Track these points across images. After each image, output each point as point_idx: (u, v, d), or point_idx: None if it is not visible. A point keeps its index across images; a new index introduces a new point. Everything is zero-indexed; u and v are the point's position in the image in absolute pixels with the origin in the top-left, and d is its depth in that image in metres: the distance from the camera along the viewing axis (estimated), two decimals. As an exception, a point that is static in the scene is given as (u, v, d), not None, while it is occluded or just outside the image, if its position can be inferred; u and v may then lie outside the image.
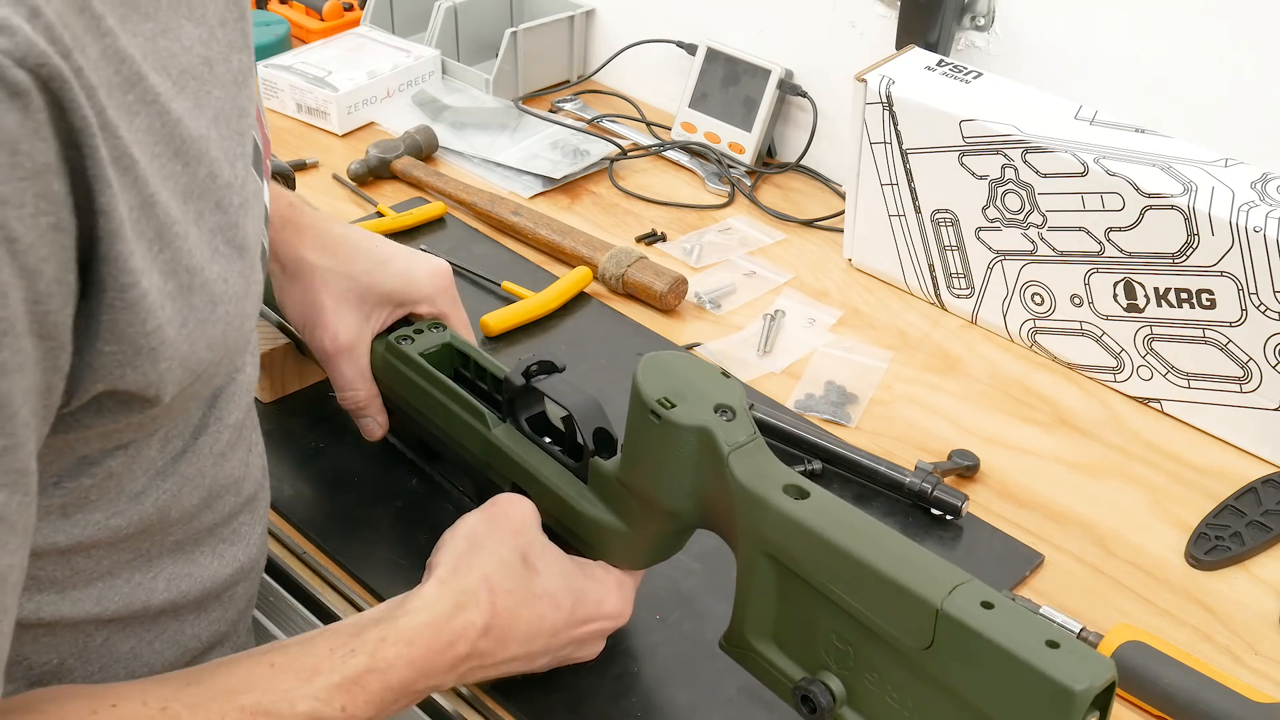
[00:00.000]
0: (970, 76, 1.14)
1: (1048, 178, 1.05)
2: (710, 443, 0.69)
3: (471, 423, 0.84)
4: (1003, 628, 0.58)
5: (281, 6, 1.65)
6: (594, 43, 1.57)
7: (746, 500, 0.67)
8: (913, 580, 0.60)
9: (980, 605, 0.59)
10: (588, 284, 1.18)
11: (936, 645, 0.60)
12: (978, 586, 0.60)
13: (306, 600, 0.90)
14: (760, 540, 0.67)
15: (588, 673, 0.81)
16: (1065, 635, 0.57)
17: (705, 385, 0.71)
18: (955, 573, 0.61)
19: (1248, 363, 1.00)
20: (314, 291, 0.90)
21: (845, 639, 0.65)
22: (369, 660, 0.65)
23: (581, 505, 0.78)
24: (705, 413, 0.69)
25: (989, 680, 0.58)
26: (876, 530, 0.64)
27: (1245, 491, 0.97)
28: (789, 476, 0.68)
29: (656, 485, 0.72)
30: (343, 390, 0.91)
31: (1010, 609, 0.59)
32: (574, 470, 0.80)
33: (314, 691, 0.63)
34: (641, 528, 0.76)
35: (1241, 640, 0.87)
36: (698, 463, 0.70)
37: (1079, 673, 0.55)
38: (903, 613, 0.61)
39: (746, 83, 1.39)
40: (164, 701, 0.60)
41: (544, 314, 1.14)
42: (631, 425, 0.72)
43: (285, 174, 0.98)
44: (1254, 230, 0.96)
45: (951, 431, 1.04)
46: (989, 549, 0.92)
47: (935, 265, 1.17)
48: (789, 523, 0.65)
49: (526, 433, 0.83)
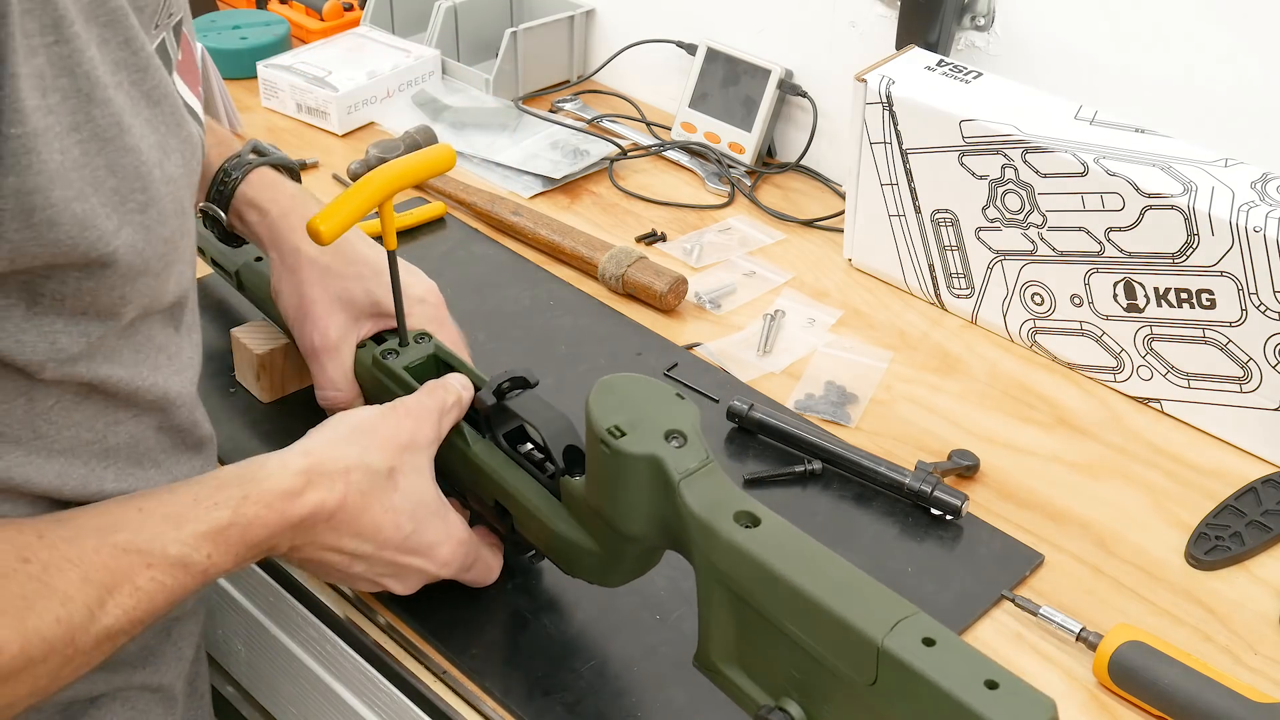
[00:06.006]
0: (970, 76, 1.14)
1: (1048, 178, 1.05)
2: (660, 471, 0.69)
3: (452, 438, 0.84)
4: (942, 666, 0.57)
5: (281, 6, 1.65)
6: (594, 43, 1.57)
7: (697, 528, 0.67)
8: (856, 615, 0.60)
9: (922, 642, 0.58)
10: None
11: (880, 682, 0.59)
12: (922, 621, 0.59)
13: (307, 601, 0.90)
14: (713, 569, 0.67)
15: (587, 672, 0.81)
16: (1007, 674, 0.57)
17: (657, 410, 0.71)
18: (900, 606, 0.60)
19: (1248, 363, 1.00)
20: (308, 285, 0.90)
21: (801, 669, 0.64)
22: (232, 514, 0.70)
23: (556, 524, 0.78)
24: (655, 440, 0.69)
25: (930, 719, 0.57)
26: (827, 561, 0.64)
27: (1245, 491, 0.97)
28: (740, 502, 0.67)
29: (614, 511, 0.72)
30: (324, 389, 0.91)
31: (953, 645, 0.58)
32: (549, 487, 0.80)
33: (182, 537, 0.68)
34: (611, 547, 0.76)
35: (1241, 640, 0.87)
36: (650, 490, 0.70)
37: (1016, 714, 0.55)
38: (847, 648, 0.60)
39: (746, 83, 1.39)
40: (38, 531, 0.64)
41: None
42: (588, 451, 0.72)
43: (291, 167, 0.99)
44: (1254, 230, 0.96)
45: (951, 431, 1.04)
46: (989, 549, 0.92)
47: (935, 265, 1.17)
48: (737, 553, 0.65)
49: (504, 449, 0.82)
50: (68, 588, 0.63)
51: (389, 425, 0.78)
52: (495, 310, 1.15)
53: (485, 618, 0.85)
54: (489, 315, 1.13)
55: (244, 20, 1.58)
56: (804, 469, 0.98)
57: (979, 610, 0.87)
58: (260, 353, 1.00)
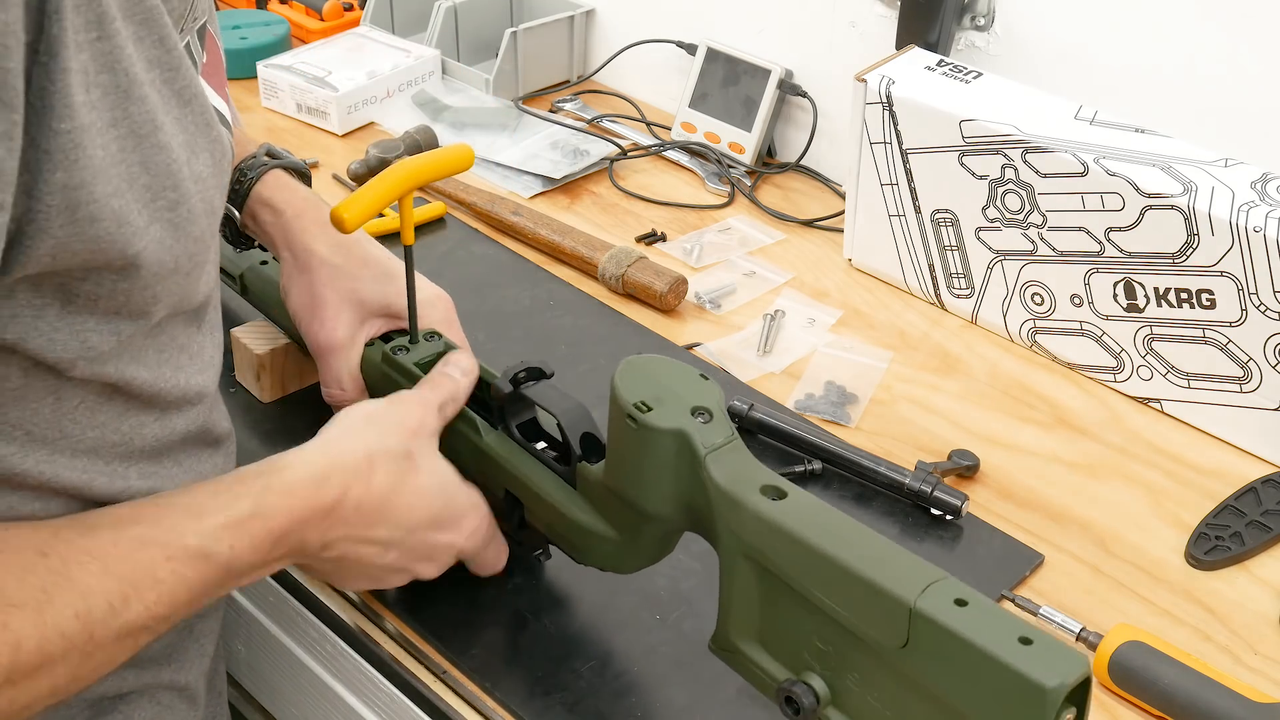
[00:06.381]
0: (970, 76, 1.14)
1: (1048, 178, 1.05)
2: (687, 445, 0.69)
3: (463, 430, 0.84)
4: (975, 625, 0.57)
5: (281, 6, 1.65)
6: (594, 43, 1.57)
7: (724, 502, 0.67)
8: (887, 579, 0.60)
9: (954, 603, 0.58)
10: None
11: (912, 644, 0.59)
12: (952, 584, 0.60)
13: (307, 601, 0.90)
14: (739, 542, 0.67)
15: (587, 672, 0.81)
16: (1039, 632, 0.57)
17: (682, 388, 0.71)
18: (930, 570, 0.61)
19: (1248, 363, 1.00)
20: (319, 284, 0.90)
21: (826, 640, 0.65)
22: (253, 505, 0.69)
23: (571, 511, 0.78)
24: (682, 415, 0.69)
25: (963, 678, 0.58)
26: (853, 530, 0.64)
27: (1245, 491, 0.97)
28: (767, 477, 0.67)
29: (638, 489, 0.72)
30: (329, 386, 0.91)
31: (984, 606, 0.58)
32: (564, 476, 0.80)
33: (202, 529, 0.67)
34: (629, 532, 0.76)
35: (1241, 640, 0.87)
36: (676, 466, 0.70)
37: (1052, 669, 0.55)
38: (878, 612, 0.60)
39: (746, 83, 1.39)
40: (54, 529, 0.64)
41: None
42: (611, 430, 0.72)
43: (301, 170, 1.00)
44: (1254, 230, 0.96)
45: (951, 431, 1.04)
46: (989, 549, 0.92)
47: (935, 265, 1.17)
48: (765, 524, 0.65)
49: (517, 439, 0.82)
50: (88, 581, 0.62)
51: (398, 412, 0.79)
52: (495, 310, 1.15)
53: (485, 618, 0.85)
54: (489, 315, 1.13)
55: (244, 20, 1.58)
56: (804, 469, 0.98)
57: (979, 610, 0.87)
58: (260, 353, 1.00)
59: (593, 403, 0.78)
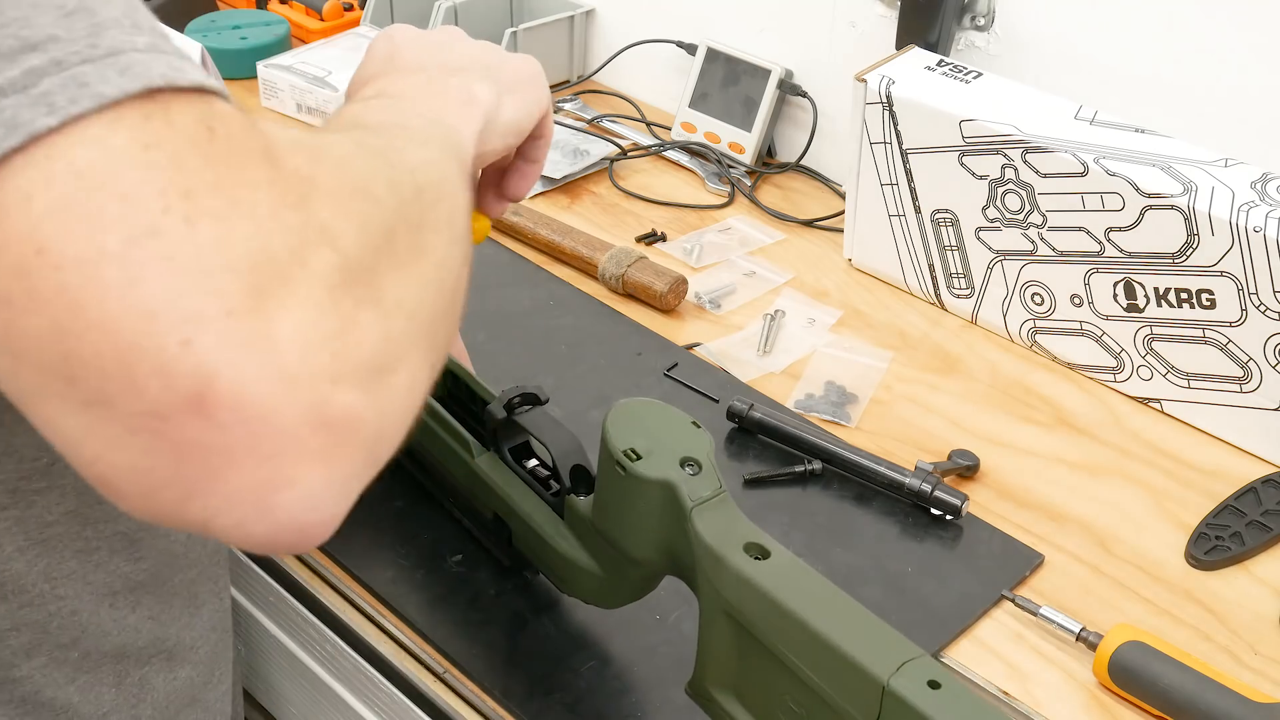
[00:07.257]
0: (970, 76, 1.14)
1: (1048, 178, 1.05)
2: (674, 497, 0.69)
3: (455, 449, 0.84)
4: (946, 710, 0.57)
5: (281, 6, 1.65)
6: (594, 43, 1.57)
7: (707, 556, 0.67)
8: (862, 653, 0.60)
9: (927, 684, 0.58)
10: None
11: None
12: (926, 664, 0.60)
13: (305, 600, 0.90)
14: (719, 597, 0.67)
15: (587, 672, 0.81)
16: None
17: (673, 437, 0.71)
18: (907, 648, 0.61)
19: (1248, 363, 1.00)
20: None
21: (800, 702, 0.64)
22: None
23: (557, 542, 0.78)
24: (671, 466, 0.69)
25: None
26: (834, 597, 0.64)
27: (1245, 491, 0.97)
28: (752, 534, 0.67)
29: (622, 533, 0.72)
30: None
31: (957, 691, 0.58)
32: (553, 505, 0.80)
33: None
34: (612, 569, 0.76)
35: (1241, 640, 0.87)
36: (661, 516, 0.69)
37: None
38: (851, 685, 0.60)
39: (746, 83, 1.39)
40: None
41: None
42: (600, 473, 0.72)
43: None
44: (1254, 230, 0.96)
45: (951, 431, 1.04)
46: (989, 549, 0.92)
47: (935, 265, 1.17)
48: (746, 584, 0.65)
49: (509, 463, 0.82)
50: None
51: None
52: (495, 310, 1.15)
53: (485, 618, 0.85)
54: (489, 315, 1.13)
55: (244, 20, 1.58)
56: (804, 469, 0.98)
57: (979, 610, 0.87)
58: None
59: (591, 403, 0.78)
